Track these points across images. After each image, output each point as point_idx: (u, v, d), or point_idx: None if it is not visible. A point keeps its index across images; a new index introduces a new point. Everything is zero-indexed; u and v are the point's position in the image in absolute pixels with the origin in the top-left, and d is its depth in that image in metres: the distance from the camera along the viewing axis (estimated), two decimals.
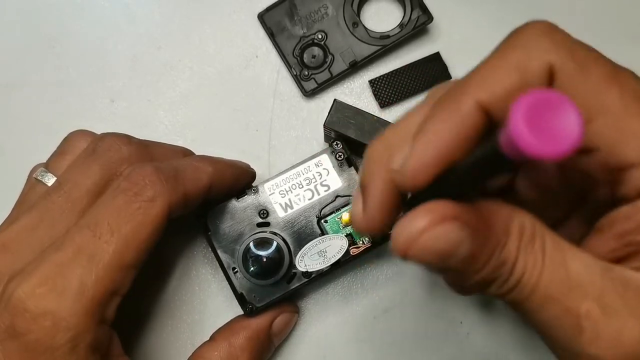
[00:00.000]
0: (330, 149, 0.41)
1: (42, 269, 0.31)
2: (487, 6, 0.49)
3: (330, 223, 0.40)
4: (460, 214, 0.24)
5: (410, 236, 0.24)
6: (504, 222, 0.25)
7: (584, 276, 0.25)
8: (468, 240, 0.24)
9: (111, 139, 0.38)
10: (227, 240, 0.40)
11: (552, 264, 0.25)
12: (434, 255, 0.24)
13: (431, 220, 0.23)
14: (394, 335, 0.44)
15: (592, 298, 0.24)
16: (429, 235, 0.23)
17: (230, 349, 0.39)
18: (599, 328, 0.24)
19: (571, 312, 0.24)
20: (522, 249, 0.25)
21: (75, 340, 0.31)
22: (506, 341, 0.44)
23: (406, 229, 0.24)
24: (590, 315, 0.24)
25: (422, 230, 0.23)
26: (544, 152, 0.18)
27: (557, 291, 0.25)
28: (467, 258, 0.24)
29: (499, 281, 0.25)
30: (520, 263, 0.25)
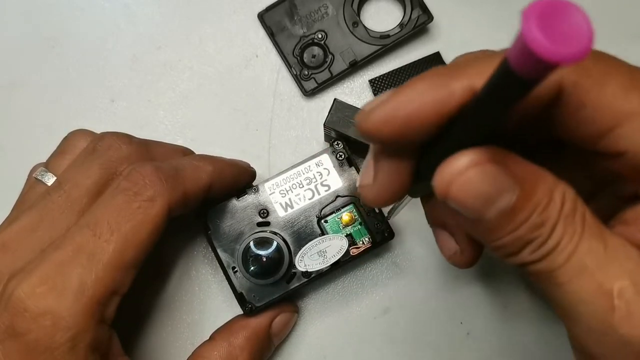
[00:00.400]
0: (331, 149, 0.41)
1: (42, 268, 0.31)
2: (487, 6, 0.49)
3: (330, 223, 0.40)
4: (509, 163, 0.23)
5: (455, 172, 0.23)
6: (549, 187, 0.24)
7: (621, 254, 0.24)
8: (512, 189, 0.23)
9: (111, 138, 0.38)
10: (227, 239, 0.40)
11: (590, 236, 0.24)
12: (477, 198, 0.23)
13: (478, 159, 0.23)
14: (394, 335, 0.44)
15: (627, 276, 0.24)
16: (474, 173, 0.23)
17: (230, 349, 0.39)
18: (632, 308, 0.24)
19: (604, 288, 0.24)
20: (563, 215, 0.24)
21: (74, 340, 0.31)
22: (506, 341, 0.44)
23: (451, 166, 0.23)
24: (623, 294, 0.24)
25: (468, 166, 0.23)
26: (560, 54, 0.18)
27: (593, 264, 0.24)
28: (508, 209, 0.24)
29: (535, 244, 0.25)
30: (560, 228, 0.24)
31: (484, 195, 0.23)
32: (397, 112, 0.24)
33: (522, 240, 0.25)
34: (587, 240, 0.24)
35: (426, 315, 0.44)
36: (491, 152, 0.23)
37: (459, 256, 0.32)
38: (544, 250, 0.24)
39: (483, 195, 0.23)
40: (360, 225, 0.40)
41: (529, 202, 0.24)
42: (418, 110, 0.24)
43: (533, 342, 0.43)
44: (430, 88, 0.24)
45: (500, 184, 0.23)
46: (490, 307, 0.44)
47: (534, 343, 0.43)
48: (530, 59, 0.18)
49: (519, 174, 0.24)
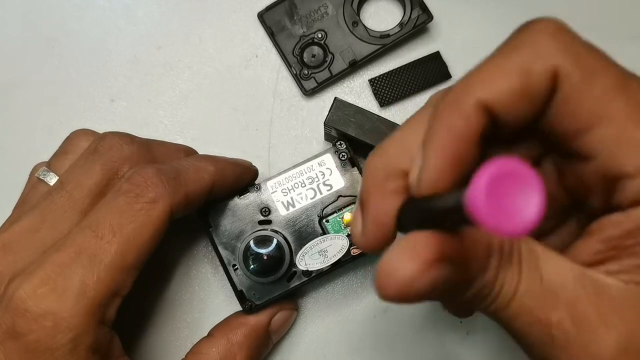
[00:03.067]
0: (334, 149, 0.41)
1: (43, 269, 0.31)
2: (487, 5, 0.49)
3: (331, 223, 0.40)
4: (444, 248, 0.23)
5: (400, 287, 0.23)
6: (486, 244, 0.25)
7: (557, 284, 0.25)
8: (452, 275, 0.24)
9: (113, 139, 0.38)
10: (228, 237, 0.40)
11: (527, 274, 0.25)
12: (419, 297, 0.24)
13: (419, 268, 0.23)
14: (394, 334, 0.44)
15: (563, 307, 0.24)
16: (418, 283, 0.23)
17: (228, 345, 0.39)
18: (570, 338, 0.24)
19: (542, 322, 0.24)
20: (502, 266, 0.25)
21: (75, 341, 0.31)
22: (505, 341, 0.44)
23: (392, 278, 0.23)
24: (561, 325, 0.24)
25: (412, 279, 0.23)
26: (497, 228, 0.18)
27: (530, 301, 0.25)
28: (451, 289, 0.24)
29: (481, 297, 0.25)
30: (500, 279, 0.25)
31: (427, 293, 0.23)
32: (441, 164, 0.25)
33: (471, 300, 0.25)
34: (524, 281, 0.25)
35: (426, 315, 0.44)
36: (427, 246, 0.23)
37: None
38: (490, 299, 0.25)
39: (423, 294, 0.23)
40: None
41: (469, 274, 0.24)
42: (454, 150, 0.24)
43: None
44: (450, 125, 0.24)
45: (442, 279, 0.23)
46: None
47: None
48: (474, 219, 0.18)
49: (455, 252, 0.24)
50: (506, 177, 0.18)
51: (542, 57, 0.24)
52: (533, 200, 0.18)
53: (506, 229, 0.18)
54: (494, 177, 0.18)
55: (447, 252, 0.23)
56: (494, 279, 0.25)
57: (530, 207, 0.18)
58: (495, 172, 0.18)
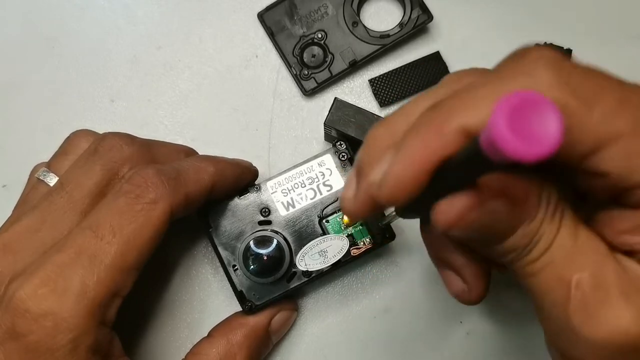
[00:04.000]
0: (334, 149, 0.41)
1: (43, 269, 0.31)
2: (487, 5, 0.49)
3: (331, 223, 0.40)
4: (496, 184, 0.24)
5: (458, 213, 0.24)
6: (536, 196, 0.25)
7: (588, 249, 0.25)
8: (507, 217, 0.24)
9: (113, 139, 0.38)
10: (228, 237, 0.40)
11: (565, 231, 0.25)
12: (475, 231, 0.24)
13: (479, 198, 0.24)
14: (393, 335, 0.44)
15: (589, 270, 0.25)
16: (477, 212, 0.24)
17: (228, 346, 0.39)
18: (587, 301, 0.24)
19: (563, 279, 0.25)
20: (547, 217, 0.25)
21: (76, 341, 0.31)
22: (506, 341, 0.44)
23: (454, 206, 0.24)
24: (580, 286, 0.24)
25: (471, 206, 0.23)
26: (524, 154, 0.18)
27: (559, 257, 0.25)
28: (502, 232, 0.25)
29: (520, 249, 0.26)
30: (542, 228, 0.25)
31: (483, 227, 0.24)
32: (405, 177, 0.24)
33: (509, 250, 0.26)
34: (560, 235, 0.25)
35: (426, 315, 0.44)
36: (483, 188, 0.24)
37: (467, 294, 0.32)
38: (527, 251, 0.26)
39: (482, 228, 0.25)
40: (361, 226, 0.40)
41: (519, 221, 0.25)
42: (422, 167, 0.24)
43: (533, 341, 0.43)
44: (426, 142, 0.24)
45: (496, 217, 0.24)
46: (490, 307, 0.44)
47: (533, 343, 0.43)
48: (498, 149, 0.18)
49: (510, 191, 0.24)
50: (523, 104, 0.19)
51: (540, 89, 0.24)
52: (551, 121, 0.19)
53: (532, 150, 0.18)
54: (512, 104, 0.18)
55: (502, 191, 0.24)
56: (536, 229, 0.25)
57: (551, 127, 0.19)
58: (512, 100, 0.19)
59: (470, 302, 0.32)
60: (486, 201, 0.24)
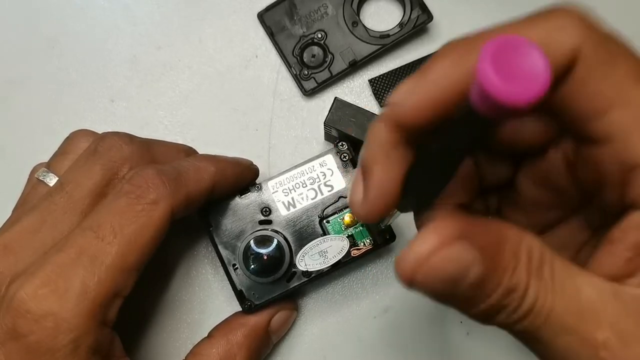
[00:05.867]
0: (335, 149, 0.41)
1: (44, 270, 0.31)
2: (487, 5, 0.49)
3: (332, 224, 0.40)
4: (469, 233, 0.23)
5: (418, 259, 0.22)
6: (513, 245, 0.24)
7: (597, 302, 0.24)
8: (478, 263, 0.23)
9: (112, 139, 0.38)
10: (228, 236, 0.40)
11: (563, 290, 0.24)
12: (443, 281, 0.23)
13: (440, 241, 0.22)
14: (394, 335, 0.44)
15: (607, 326, 0.23)
16: (438, 257, 0.22)
17: (228, 346, 0.39)
18: (618, 358, 0.23)
19: (588, 342, 0.23)
20: (533, 274, 0.24)
21: (76, 342, 0.31)
22: (505, 341, 0.44)
23: (413, 252, 0.23)
24: (608, 345, 0.23)
25: (430, 252, 0.22)
26: (515, 98, 0.18)
27: (572, 319, 0.24)
28: (477, 282, 0.23)
29: (510, 308, 0.24)
30: (533, 288, 0.24)
31: (449, 277, 0.23)
32: (429, 99, 0.24)
33: (496, 308, 0.24)
34: (560, 297, 0.24)
35: (426, 314, 0.44)
36: (452, 225, 0.23)
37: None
38: (521, 313, 0.24)
39: (448, 277, 0.23)
40: (362, 227, 0.40)
41: (496, 271, 0.23)
42: (446, 93, 0.24)
43: None
44: (454, 67, 0.24)
45: (465, 262, 0.23)
46: None
47: None
48: (488, 98, 0.18)
49: (482, 241, 0.23)
50: (506, 47, 0.18)
51: (565, 34, 0.24)
52: (538, 63, 0.18)
53: (522, 95, 0.18)
54: (495, 49, 0.18)
55: (472, 235, 0.23)
56: (525, 285, 0.24)
57: (539, 69, 0.18)
58: (495, 45, 0.18)
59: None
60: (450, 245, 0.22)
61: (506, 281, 0.23)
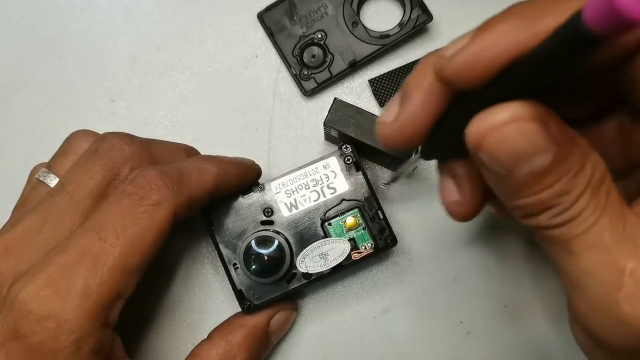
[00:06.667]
0: (339, 152, 0.41)
1: (46, 271, 0.31)
2: (487, 6, 0.48)
3: (334, 226, 0.40)
4: (548, 123, 0.23)
5: (494, 125, 0.23)
6: (582, 155, 0.24)
7: (637, 237, 0.24)
8: (549, 152, 0.23)
9: (113, 139, 0.37)
10: (229, 235, 0.40)
11: (612, 213, 0.24)
12: (509, 154, 0.23)
13: (520, 114, 0.22)
14: (393, 335, 0.44)
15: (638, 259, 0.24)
16: (513, 129, 0.22)
17: (228, 347, 0.39)
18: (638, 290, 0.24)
19: (616, 265, 0.24)
20: (590, 186, 0.24)
21: (78, 343, 0.31)
22: (506, 341, 0.44)
23: (490, 117, 0.23)
24: (634, 274, 0.24)
25: (508, 120, 0.22)
26: None
27: (610, 240, 0.24)
28: (539, 171, 0.24)
29: (557, 209, 0.24)
30: (585, 198, 0.24)
31: (518, 153, 0.23)
32: (481, 58, 0.23)
33: (545, 204, 0.25)
34: (608, 216, 0.24)
35: (426, 315, 0.45)
36: (534, 108, 0.23)
37: (457, 206, 0.31)
38: (564, 217, 0.24)
39: (517, 153, 0.23)
40: (363, 230, 0.40)
41: (560, 167, 0.24)
42: (500, 54, 0.23)
43: (533, 341, 0.44)
44: (515, 30, 0.23)
45: (537, 144, 0.23)
46: (490, 307, 0.44)
47: (533, 343, 0.44)
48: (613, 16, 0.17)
49: (557, 136, 0.23)
50: None
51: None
52: None
53: None
54: None
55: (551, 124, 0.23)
56: (580, 192, 0.24)
57: None
58: None
59: (459, 215, 0.31)
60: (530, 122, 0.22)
61: (565, 181, 0.24)
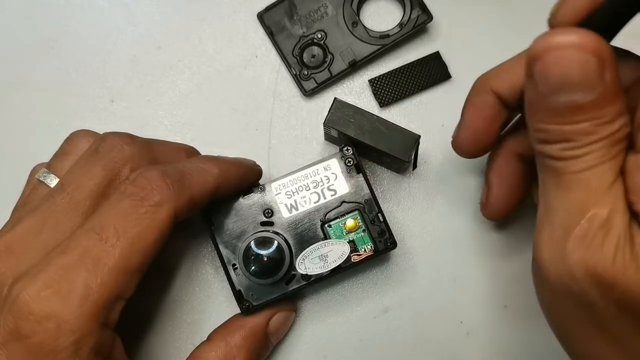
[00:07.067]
0: (340, 154, 0.41)
1: (47, 271, 0.31)
2: (487, 6, 0.49)
3: (333, 228, 0.40)
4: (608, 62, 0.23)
5: (561, 43, 0.23)
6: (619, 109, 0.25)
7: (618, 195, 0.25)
8: (594, 91, 0.24)
9: (113, 139, 0.37)
10: (229, 236, 0.40)
11: (611, 166, 0.25)
12: (560, 78, 0.24)
13: (588, 44, 0.23)
14: (394, 335, 0.44)
15: (607, 212, 0.25)
16: (576, 55, 0.23)
17: (227, 349, 0.39)
18: (589, 234, 0.25)
19: (584, 207, 0.25)
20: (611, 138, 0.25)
21: (78, 344, 0.31)
22: (506, 341, 0.44)
23: (560, 35, 0.23)
24: (593, 219, 0.25)
25: (575, 44, 0.23)
26: None
27: (595, 186, 0.25)
28: (576, 104, 0.24)
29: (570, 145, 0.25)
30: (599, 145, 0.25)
31: (568, 79, 0.24)
32: None
33: (564, 136, 0.25)
34: (606, 166, 0.25)
35: (426, 315, 0.45)
36: (601, 44, 0.23)
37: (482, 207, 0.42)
38: (573, 153, 0.25)
39: (567, 79, 0.24)
40: (363, 233, 0.40)
41: (595, 110, 0.24)
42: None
43: (533, 341, 0.44)
44: None
45: (588, 79, 0.23)
46: (490, 307, 0.44)
47: (533, 343, 0.44)
48: None
49: (608, 81, 0.24)
50: None
51: None
52: None
53: None
54: None
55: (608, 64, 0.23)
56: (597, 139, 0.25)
57: None
58: None
59: (484, 214, 0.42)
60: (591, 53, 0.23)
61: (592, 125, 0.25)
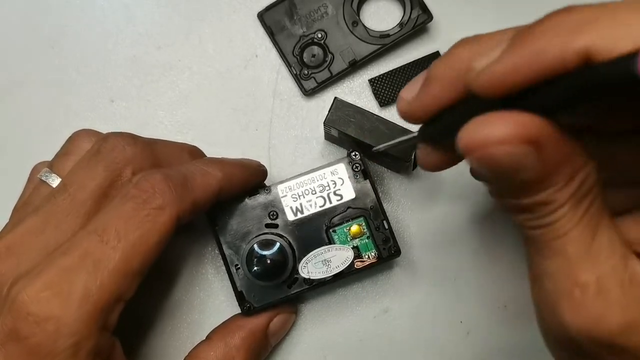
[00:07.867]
0: (348, 159, 0.41)
1: (47, 273, 0.31)
2: (487, 6, 0.49)
3: (338, 233, 0.40)
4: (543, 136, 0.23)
5: (486, 140, 0.23)
6: (574, 169, 0.25)
7: (603, 252, 0.25)
8: (533, 170, 0.24)
9: (115, 139, 0.37)
10: (233, 236, 0.40)
11: (585, 226, 0.25)
12: (494, 170, 0.24)
13: (514, 133, 0.23)
14: (394, 335, 0.44)
15: (597, 274, 0.25)
16: (503, 150, 0.23)
17: (226, 349, 0.39)
18: (586, 303, 0.25)
19: (572, 276, 0.25)
20: (574, 200, 0.25)
21: (77, 346, 0.31)
22: (506, 341, 0.44)
23: (484, 131, 0.23)
24: (585, 288, 0.25)
25: (500, 140, 0.23)
26: None
27: (574, 252, 0.25)
28: (521, 185, 0.24)
29: (534, 215, 0.25)
30: (564, 209, 0.25)
31: (502, 170, 0.24)
32: (512, 77, 0.23)
33: (525, 209, 0.26)
34: (580, 228, 0.25)
35: (426, 315, 0.45)
36: (532, 125, 0.23)
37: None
38: (539, 223, 0.26)
39: (501, 170, 0.24)
40: (367, 239, 0.40)
41: (544, 182, 0.24)
42: (531, 75, 0.23)
43: (533, 342, 0.43)
44: (551, 47, 0.23)
45: (522, 165, 0.23)
46: (490, 307, 0.44)
47: (533, 343, 0.44)
48: None
49: (550, 154, 0.24)
50: None
51: None
52: None
53: None
54: None
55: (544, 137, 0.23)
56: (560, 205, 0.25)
57: None
58: None
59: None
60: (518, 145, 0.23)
61: (547, 194, 0.25)
